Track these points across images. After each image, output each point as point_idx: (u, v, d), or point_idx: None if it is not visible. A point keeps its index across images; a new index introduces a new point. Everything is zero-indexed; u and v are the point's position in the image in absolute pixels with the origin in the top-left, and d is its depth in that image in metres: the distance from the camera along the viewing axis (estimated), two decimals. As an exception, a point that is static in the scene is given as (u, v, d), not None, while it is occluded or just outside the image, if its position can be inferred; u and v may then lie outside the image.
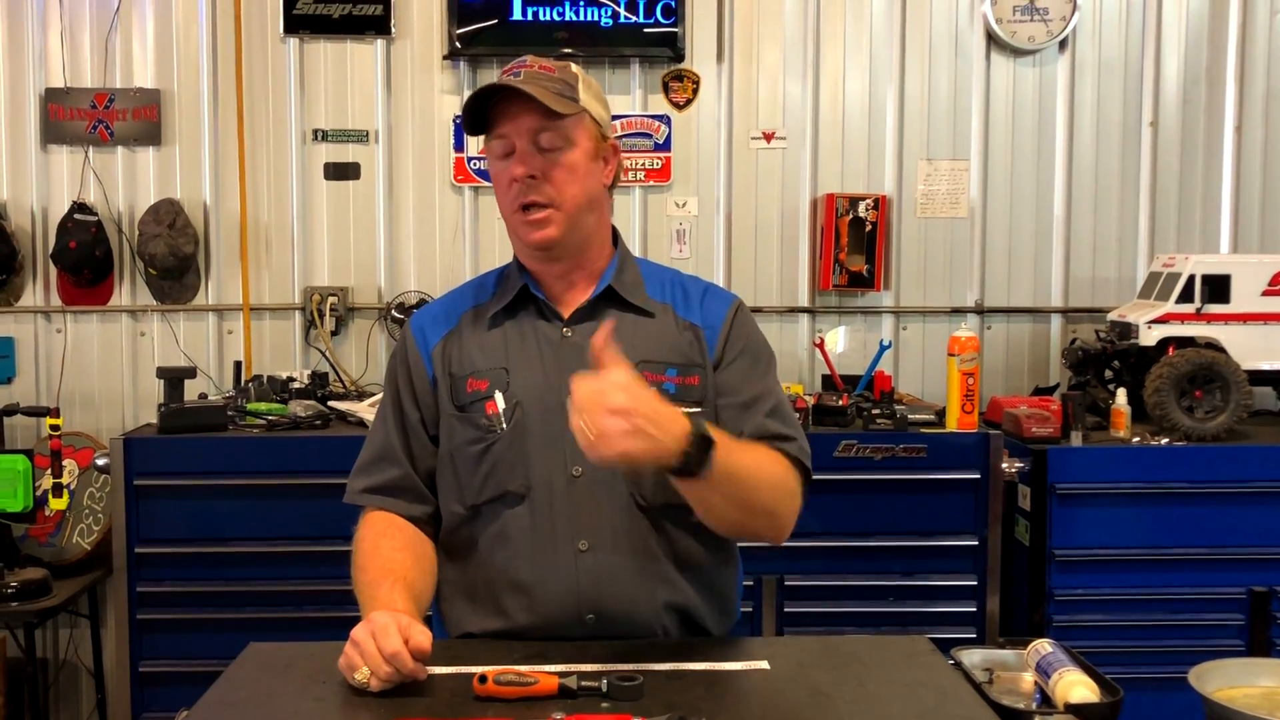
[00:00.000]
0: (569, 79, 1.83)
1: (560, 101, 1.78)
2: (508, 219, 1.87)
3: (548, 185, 1.80)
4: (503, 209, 1.87)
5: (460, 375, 1.88)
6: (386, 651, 1.53)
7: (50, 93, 3.95)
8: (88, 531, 3.75)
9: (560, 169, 1.80)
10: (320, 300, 3.98)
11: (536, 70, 1.81)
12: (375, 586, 1.73)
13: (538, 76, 1.80)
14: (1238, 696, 1.76)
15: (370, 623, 1.58)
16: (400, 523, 1.88)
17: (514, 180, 1.80)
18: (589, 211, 1.87)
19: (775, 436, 1.85)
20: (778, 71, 4.09)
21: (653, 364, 1.84)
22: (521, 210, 1.82)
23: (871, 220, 3.98)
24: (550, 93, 1.77)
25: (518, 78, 1.78)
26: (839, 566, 3.35)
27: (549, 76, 1.81)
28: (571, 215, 1.83)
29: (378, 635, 1.54)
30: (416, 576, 1.78)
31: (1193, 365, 3.42)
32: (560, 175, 1.80)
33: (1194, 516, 3.35)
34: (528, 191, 1.80)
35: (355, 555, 1.84)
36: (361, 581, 1.77)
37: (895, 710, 1.52)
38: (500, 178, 1.84)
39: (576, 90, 1.83)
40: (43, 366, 4.03)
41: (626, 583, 1.80)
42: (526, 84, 1.76)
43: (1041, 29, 4.04)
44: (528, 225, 1.82)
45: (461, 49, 3.95)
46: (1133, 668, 3.09)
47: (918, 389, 4.07)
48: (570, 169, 1.81)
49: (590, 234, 1.90)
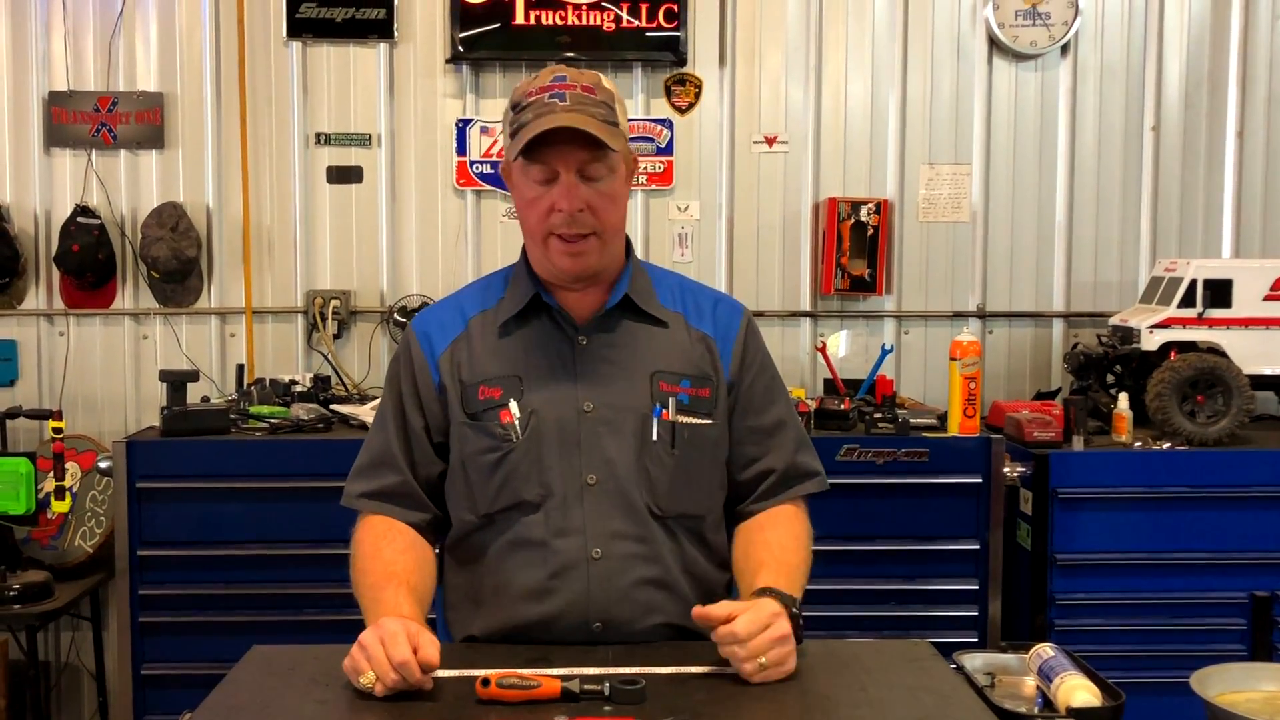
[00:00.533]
0: (608, 99, 1.80)
1: (610, 133, 1.75)
2: (539, 240, 1.83)
3: (590, 216, 1.79)
4: (533, 229, 1.84)
5: (471, 383, 1.86)
6: (395, 660, 1.52)
7: (53, 96, 3.96)
8: (90, 534, 3.76)
9: (604, 199, 1.80)
10: (323, 304, 3.99)
11: (580, 92, 1.77)
12: (379, 589, 1.73)
13: (583, 101, 1.76)
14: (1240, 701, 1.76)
15: (379, 628, 1.57)
16: (400, 526, 1.87)
17: (556, 210, 1.78)
18: (621, 232, 1.89)
19: (806, 475, 1.95)
20: (780, 75, 4.09)
21: (668, 374, 1.85)
22: (563, 239, 1.80)
23: (873, 224, 3.99)
24: (598, 121, 1.75)
25: (563, 100, 1.75)
26: (840, 570, 3.34)
27: (593, 100, 1.77)
28: (609, 242, 1.84)
29: (387, 642, 1.54)
30: (419, 580, 1.78)
31: (1194, 370, 3.42)
32: (604, 206, 1.80)
33: (1196, 521, 3.35)
34: (573, 224, 1.78)
35: (355, 559, 1.84)
36: (364, 584, 1.77)
37: (897, 714, 1.52)
38: (538, 202, 1.80)
39: (616, 113, 1.81)
40: (45, 369, 4.03)
41: (636, 593, 1.81)
42: (575, 111, 1.74)
43: (1043, 33, 4.04)
44: (568, 256, 1.81)
45: (464, 53, 3.95)
46: (1134, 672, 3.10)
47: (920, 393, 4.07)
48: (612, 198, 1.81)
49: (616, 252, 1.90)
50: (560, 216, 1.78)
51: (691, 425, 1.84)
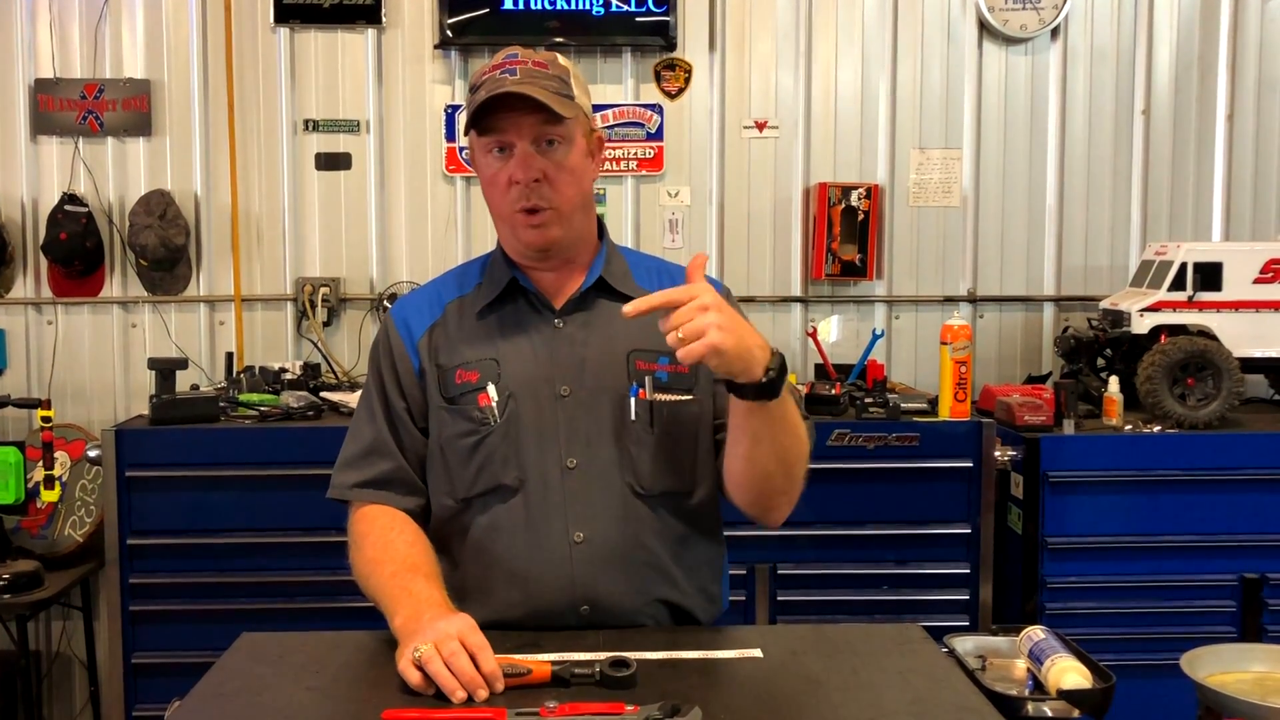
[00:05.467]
0: (562, 74, 1.80)
1: (561, 102, 1.76)
2: (503, 217, 1.84)
3: (548, 188, 1.79)
4: (496, 206, 1.85)
5: (449, 366, 1.86)
6: (486, 670, 1.50)
7: (39, 83, 3.93)
8: (80, 523, 3.75)
9: (561, 171, 1.79)
10: (312, 291, 3.97)
11: (531, 66, 1.78)
12: (408, 579, 1.70)
13: (535, 75, 1.76)
14: (1230, 682, 1.77)
15: (453, 638, 1.52)
16: (402, 517, 1.86)
17: (514, 183, 1.78)
18: (583, 209, 1.88)
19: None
20: (770, 60, 4.08)
21: (645, 353, 1.84)
22: (523, 213, 1.80)
23: (864, 209, 3.98)
24: (550, 93, 1.75)
25: (514, 75, 1.75)
26: (832, 555, 3.35)
27: (545, 74, 1.78)
28: (569, 216, 1.83)
29: (476, 655, 1.51)
30: (435, 571, 1.77)
31: (1185, 353, 3.42)
32: (561, 178, 1.79)
33: (1186, 504, 3.36)
34: (530, 196, 1.78)
35: (363, 549, 1.81)
36: (382, 574, 1.74)
37: (888, 698, 1.52)
38: (496, 177, 1.80)
39: (571, 87, 1.81)
40: (34, 358, 4.02)
41: (621, 574, 1.80)
42: (526, 84, 1.74)
43: (1034, 17, 4.04)
44: (530, 229, 1.81)
45: (453, 38, 3.94)
46: (1125, 654, 3.12)
47: (910, 378, 4.08)
48: (570, 171, 1.81)
49: (582, 229, 1.89)
50: (517, 189, 1.78)
51: (670, 403, 1.83)
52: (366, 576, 1.77)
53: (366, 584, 1.77)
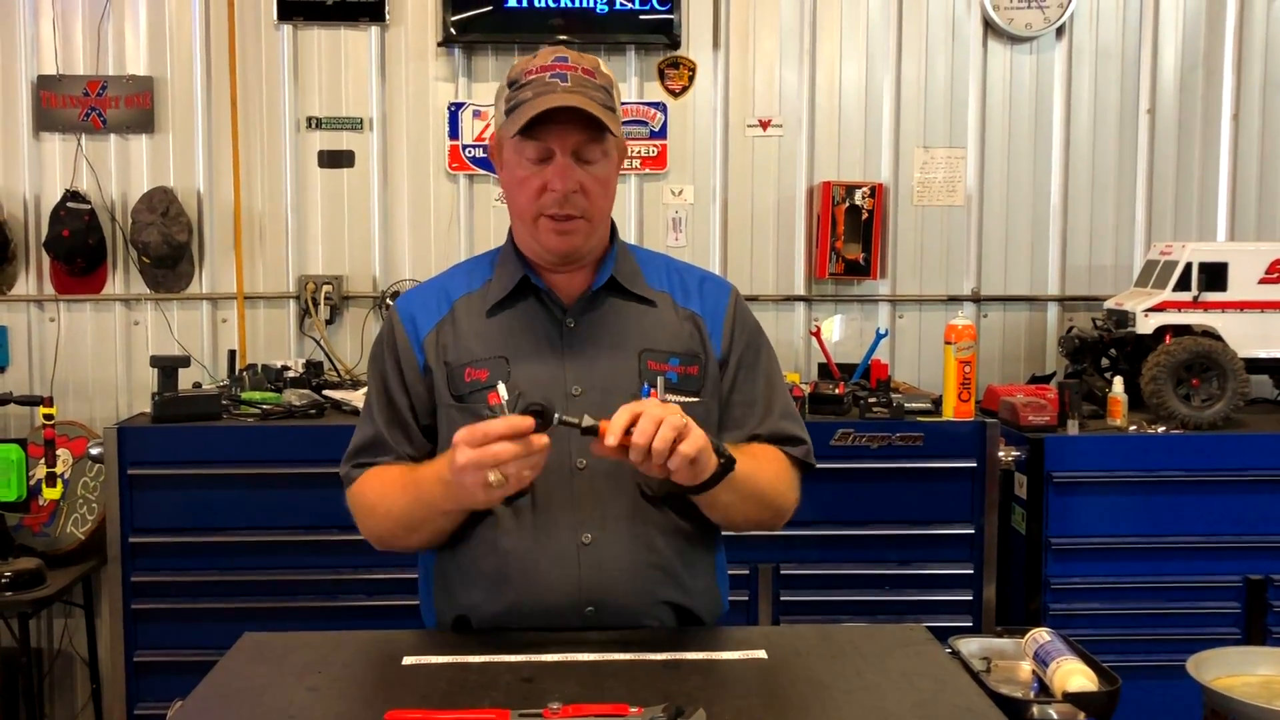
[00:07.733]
0: (606, 84, 1.81)
1: (608, 116, 1.76)
2: (528, 220, 1.83)
3: (583, 199, 1.79)
4: (521, 208, 1.84)
5: (457, 364, 1.85)
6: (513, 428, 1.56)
7: (42, 80, 3.93)
8: (82, 521, 3.74)
9: (597, 183, 1.80)
10: (315, 289, 3.97)
11: (580, 74, 1.77)
12: (416, 472, 1.78)
13: (584, 83, 1.76)
14: (1236, 685, 1.76)
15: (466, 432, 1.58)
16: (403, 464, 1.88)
17: (549, 190, 1.78)
18: (608, 217, 1.90)
19: (788, 439, 1.93)
20: (774, 59, 4.07)
21: (656, 353, 1.84)
22: (553, 219, 1.80)
23: (868, 208, 3.97)
24: (598, 105, 1.75)
25: (564, 81, 1.75)
26: (835, 555, 3.34)
27: (593, 83, 1.78)
28: (598, 225, 1.85)
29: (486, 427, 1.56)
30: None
31: (1189, 353, 3.41)
32: (596, 189, 1.80)
33: (1191, 505, 3.35)
34: (565, 204, 1.78)
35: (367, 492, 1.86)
36: (398, 486, 1.80)
37: (893, 699, 1.52)
38: (528, 181, 1.80)
39: (614, 98, 1.82)
40: (36, 355, 4.01)
41: (629, 576, 1.79)
42: (577, 93, 1.74)
43: (1039, 16, 4.03)
44: (557, 235, 1.81)
45: (456, 36, 3.93)
46: (1130, 656, 3.12)
47: (914, 377, 4.07)
48: (604, 183, 1.82)
49: (603, 234, 1.91)
50: (552, 197, 1.78)
51: (680, 404, 1.83)
52: (386, 506, 1.83)
53: (391, 509, 1.82)
